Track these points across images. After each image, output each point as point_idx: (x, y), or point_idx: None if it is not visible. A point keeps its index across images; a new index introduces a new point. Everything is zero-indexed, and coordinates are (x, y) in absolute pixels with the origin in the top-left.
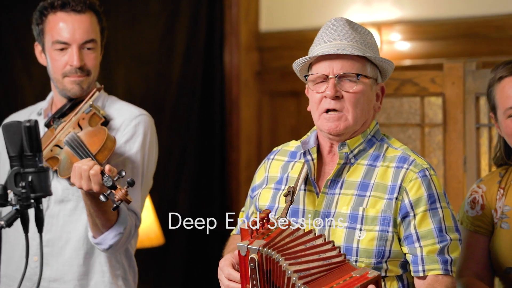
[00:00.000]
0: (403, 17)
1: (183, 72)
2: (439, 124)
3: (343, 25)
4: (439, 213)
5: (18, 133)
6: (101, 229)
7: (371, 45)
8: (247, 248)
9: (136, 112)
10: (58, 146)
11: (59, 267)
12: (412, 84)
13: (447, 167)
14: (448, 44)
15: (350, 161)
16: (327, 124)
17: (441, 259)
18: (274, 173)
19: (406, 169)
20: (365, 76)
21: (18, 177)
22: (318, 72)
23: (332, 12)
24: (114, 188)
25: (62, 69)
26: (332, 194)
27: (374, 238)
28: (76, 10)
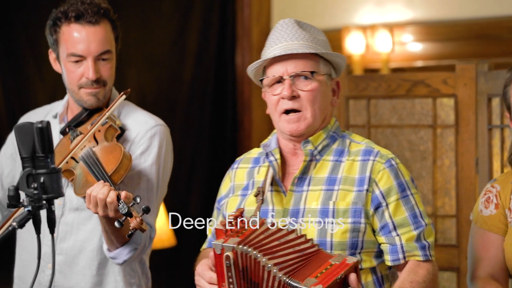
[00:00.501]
0: (415, 18)
1: (195, 73)
2: (451, 126)
3: (292, 25)
4: (411, 200)
5: (30, 134)
6: (116, 244)
7: (321, 42)
8: (222, 246)
9: (152, 123)
10: (74, 159)
11: (73, 276)
12: (424, 85)
13: (459, 168)
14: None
15: (315, 157)
16: (288, 126)
17: (420, 245)
18: (240, 180)
19: (372, 160)
20: (319, 73)
21: (30, 178)
22: (273, 74)
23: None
24: (129, 216)
25: (78, 81)
26: (300, 192)
27: (347, 231)
28: (91, 22)
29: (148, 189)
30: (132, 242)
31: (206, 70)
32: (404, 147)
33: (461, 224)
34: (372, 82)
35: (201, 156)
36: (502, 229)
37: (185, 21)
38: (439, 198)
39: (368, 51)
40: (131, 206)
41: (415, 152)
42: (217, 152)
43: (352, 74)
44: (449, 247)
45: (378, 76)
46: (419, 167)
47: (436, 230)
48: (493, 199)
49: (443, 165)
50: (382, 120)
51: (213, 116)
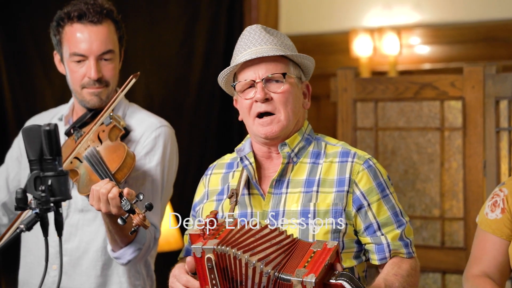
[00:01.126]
0: (422, 21)
1: (203, 76)
2: (459, 128)
3: (259, 31)
4: (391, 199)
5: (38, 137)
6: (120, 244)
7: (289, 46)
8: (202, 249)
9: (157, 124)
10: (78, 159)
11: (77, 277)
12: (431, 88)
13: (467, 171)
14: (467, 47)
15: (292, 160)
16: (263, 129)
17: (403, 243)
18: (215, 186)
19: (351, 162)
20: (290, 76)
21: (37, 181)
22: (245, 79)
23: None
24: (132, 212)
25: (80, 80)
26: (278, 194)
27: (329, 231)
28: (93, 21)
29: (153, 190)
30: (136, 242)
31: (213, 73)
32: (412, 149)
33: (469, 227)
34: (379, 84)
35: (208, 159)
36: (506, 233)
37: (193, 24)
38: (447, 201)
39: (375, 54)
40: (134, 203)
41: (423, 155)
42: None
43: (359, 77)
44: (457, 250)
45: (386, 78)
46: (427, 170)
47: (443, 232)
48: (500, 203)
49: (451, 167)
50: (390, 122)
51: (220, 119)
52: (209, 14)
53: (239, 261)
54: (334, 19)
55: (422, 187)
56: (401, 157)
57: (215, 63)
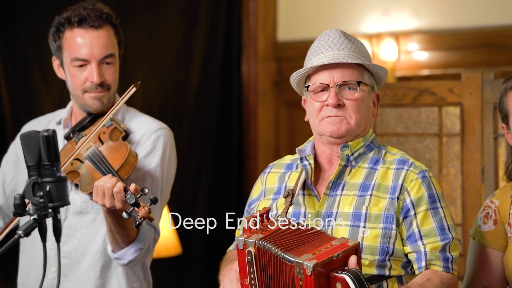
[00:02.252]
0: (421, 27)
1: (201, 81)
2: (457, 134)
3: (339, 36)
4: (439, 212)
5: (36, 142)
6: (121, 244)
7: (365, 55)
8: (245, 241)
9: (156, 126)
10: (79, 160)
11: (76, 279)
12: (430, 93)
13: (465, 177)
14: (466, 54)
15: (351, 163)
16: (329, 127)
17: (443, 256)
18: (272, 184)
19: (406, 170)
20: (364, 84)
21: (36, 187)
22: (319, 82)
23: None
24: (137, 206)
25: (82, 85)
26: (334, 196)
27: (378, 235)
28: (93, 26)
29: (153, 191)
30: (138, 242)
31: (212, 78)
32: (410, 155)
33: (467, 233)
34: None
35: (207, 164)
36: (500, 244)
37: (191, 29)
38: None
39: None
40: (139, 197)
41: (421, 161)
42: (223, 160)
43: None
44: None
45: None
46: None
47: None
48: (492, 215)
49: (449, 173)
50: (388, 128)
51: (219, 123)
52: (208, 20)
53: (275, 257)
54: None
55: None
56: None
57: (213, 68)
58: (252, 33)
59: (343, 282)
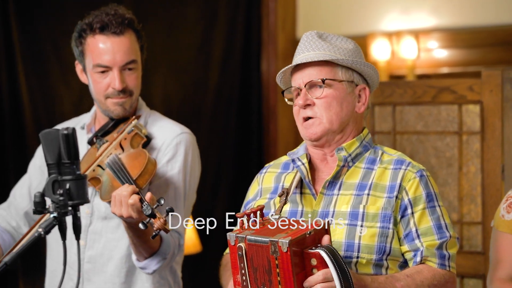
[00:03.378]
0: (440, 25)
1: (221, 80)
2: (477, 132)
3: (312, 37)
4: (437, 211)
5: (56, 141)
6: (144, 255)
7: (344, 50)
8: (236, 236)
9: (178, 131)
10: (100, 167)
11: (101, 284)
12: (449, 92)
13: (485, 175)
14: (486, 51)
15: (348, 164)
16: (306, 132)
17: (439, 253)
18: (268, 184)
19: (404, 169)
20: (334, 80)
21: (56, 185)
22: (294, 85)
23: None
24: (153, 217)
25: (104, 91)
26: (330, 195)
27: (375, 234)
28: (115, 32)
29: (176, 197)
30: (161, 253)
31: (231, 77)
32: (430, 153)
33: (487, 231)
34: (397, 88)
35: (226, 163)
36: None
37: (210, 28)
38: (465, 205)
39: (393, 58)
40: (155, 208)
41: (441, 159)
42: (242, 159)
43: None
44: (475, 254)
45: (404, 82)
46: (445, 174)
47: (461, 237)
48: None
49: (469, 171)
50: (408, 126)
51: (238, 122)
52: (227, 18)
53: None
54: (352, 23)
55: (440, 191)
56: (419, 161)
57: (232, 67)
58: (271, 32)
59: (318, 257)
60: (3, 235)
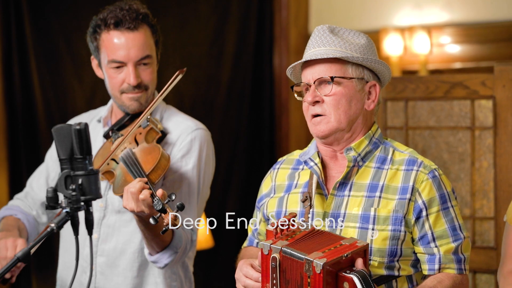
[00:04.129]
0: (453, 20)
1: (233, 75)
2: (489, 127)
3: (323, 31)
4: (451, 213)
5: (69, 136)
6: (156, 249)
7: (355, 46)
8: (270, 247)
9: (193, 126)
10: (114, 161)
11: (114, 277)
12: (462, 87)
13: (498, 170)
14: (498, 46)
15: (358, 163)
16: (314, 129)
17: (456, 258)
18: (281, 181)
19: (416, 171)
20: (344, 77)
21: (68, 180)
22: (303, 81)
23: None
24: (164, 212)
25: (120, 86)
26: (341, 196)
27: (387, 238)
28: (130, 28)
29: (190, 192)
30: (172, 247)
31: (243, 71)
32: (442, 149)
33: (500, 226)
34: (410, 83)
35: (238, 158)
36: None
37: (223, 23)
38: (478, 200)
39: (406, 53)
40: (166, 203)
41: (453, 154)
42: (254, 154)
43: None
44: (487, 249)
45: (416, 77)
46: (458, 169)
47: (474, 232)
48: None
49: (482, 167)
50: (420, 122)
51: (250, 117)
52: (239, 14)
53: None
54: (365, 18)
55: (453, 187)
56: (432, 156)
57: (245, 62)
58: (283, 26)
59: (350, 282)
60: (28, 217)
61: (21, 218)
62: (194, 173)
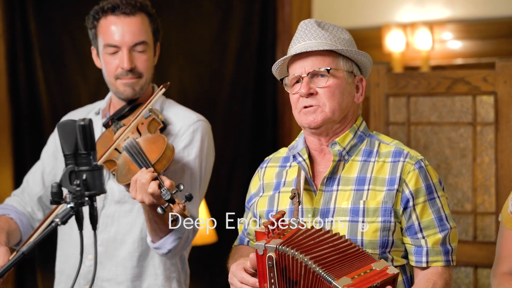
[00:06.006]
0: (454, 16)
1: (236, 71)
2: (491, 123)
3: (311, 25)
4: (437, 203)
5: (73, 132)
6: (160, 234)
7: (342, 40)
8: (265, 247)
9: (194, 118)
10: (117, 150)
11: (112, 267)
12: (464, 83)
13: (499, 166)
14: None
15: (344, 157)
16: (306, 118)
17: (444, 250)
18: (269, 179)
19: (403, 162)
20: (337, 70)
21: (72, 175)
22: (293, 73)
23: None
24: (172, 202)
25: (114, 71)
26: (329, 191)
27: (378, 229)
28: (125, 12)
29: (192, 182)
30: (176, 231)
31: (247, 67)
32: (444, 144)
33: None
34: (412, 79)
35: (241, 154)
36: None
37: (226, 20)
38: (479, 196)
39: (408, 49)
40: (174, 193)
41: (455, 150)
42: (257, 149)
43: (392, 72)
44: (489, 244)
45: (418, 73)
46: (459, 165)
47: (475, 227)
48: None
49: (483, 162)
50: (422, 117)
51: (253, 113)
52: (242, 10)
53: (296, 261)
54: (367, 14)
55: (454, 182)
56: (434, 151)
57: (248, 58)
58: (286, 23)
59: None
60: (21, 217)
61: (14, 217)
62: (196, 164)
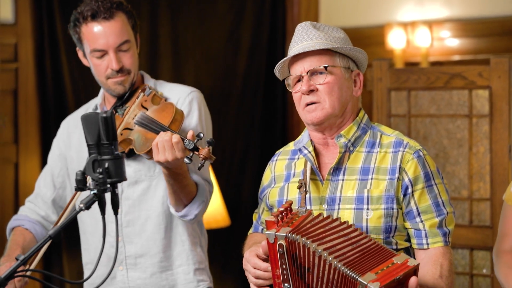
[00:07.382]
0: (452, 16)
1: (248, 67)
2: (486, 115)
3: (307, 27)
4: (434, 190)
5: (96, 123)
6: (185, 202)
7: (337, 39)
8: (275, 235)
9: (187, 90)
10: (128, 129)
11: (144, 243)
12: (461, 78)
13: (493, 155)
14: (494, 40)
15: (349, 149)
16: (309, 116)
17: (441, 232)
18: (280, 171)
19: (402, 151)
20: (334, 66)
21: (95, 164)
22: (294, 73)
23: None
24: (196, 150)
25: (105, 72)
26: (336, 181)
27: (381, 216)
28: (105, 17)
29: None
30: (199, 196)
31: (258, 64)
32: (442, 135)
33: (495, 206)
34: (412, 74)
35: (253, 143)
36: None
37: (239, 20)
38: (475, 183)
39: (408, 46)
40: (196, 142)
41: (453, 140)
42: (268, 141)
43: (393, 67)
44: (484, 228)
45: (418, 69)
46: (456, 154)
47: (471, 212)
48: None
49: (478, 152)
50: (422, 110)
51: (264, 107)
52: (254, 11)
53: (308, 249)
54: (371, 14)
55: (452, 170)
56: (432, 142)
57: (259, 55)
58: (295, 22)
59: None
60: (35, 226)
61: (29, 227)
62: (198, 130)
